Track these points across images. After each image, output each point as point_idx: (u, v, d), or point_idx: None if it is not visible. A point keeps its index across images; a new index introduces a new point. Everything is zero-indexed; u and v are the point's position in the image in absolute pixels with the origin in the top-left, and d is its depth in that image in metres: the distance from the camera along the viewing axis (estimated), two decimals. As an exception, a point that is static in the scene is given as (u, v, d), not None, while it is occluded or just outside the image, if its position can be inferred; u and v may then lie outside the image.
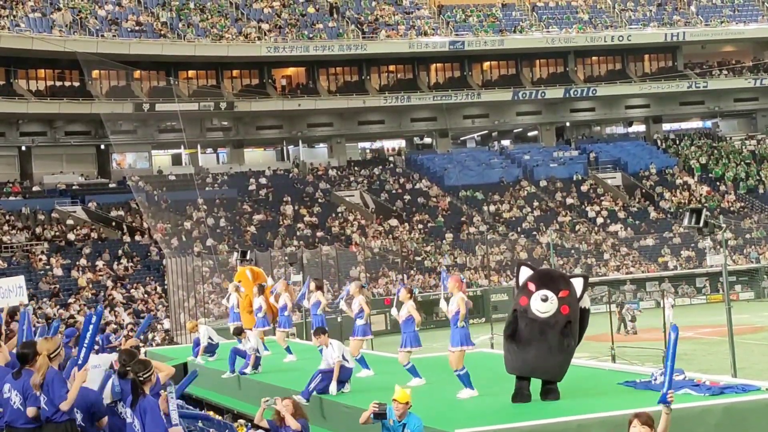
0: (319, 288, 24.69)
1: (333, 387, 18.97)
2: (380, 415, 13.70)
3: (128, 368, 10.94)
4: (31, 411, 11.01)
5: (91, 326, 11.27)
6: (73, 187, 67.69)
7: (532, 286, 16.81)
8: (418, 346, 19.50)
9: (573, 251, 66.33)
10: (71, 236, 60.57)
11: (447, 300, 18.10)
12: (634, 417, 9.78)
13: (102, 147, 71.17)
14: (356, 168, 77.31)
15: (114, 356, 13.06)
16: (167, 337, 47.59)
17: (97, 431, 11.33)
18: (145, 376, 10.75)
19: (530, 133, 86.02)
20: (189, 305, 48.18)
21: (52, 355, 10.95)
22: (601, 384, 17.38)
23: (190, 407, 19.63)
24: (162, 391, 11.83)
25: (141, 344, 18.02)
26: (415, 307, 19.78)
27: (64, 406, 10.76)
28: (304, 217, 68.55)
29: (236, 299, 28.70)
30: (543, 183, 76.64)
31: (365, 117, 78.88)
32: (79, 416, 11.16)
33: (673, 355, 10.41)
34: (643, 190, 76.61)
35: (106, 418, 11.25)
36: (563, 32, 79.01)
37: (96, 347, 17.88)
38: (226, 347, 26.66)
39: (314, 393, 18.87)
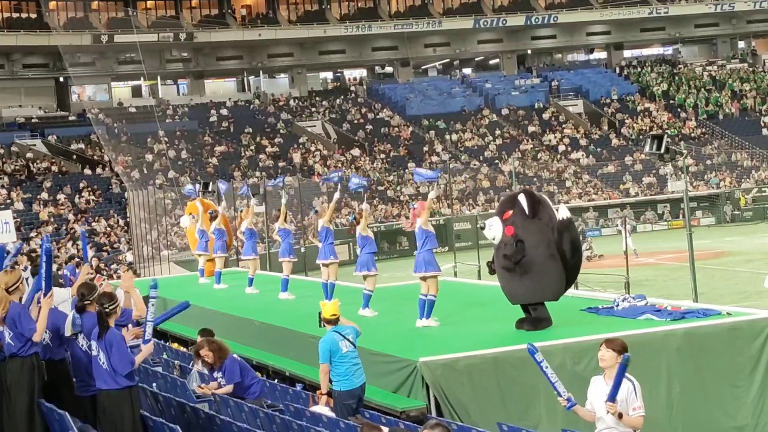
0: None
1: None
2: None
3: (86, 302, 10.80)
4: (-6, 341, 10.76)
5: (44, 262, 11.01)
6: (33, 121, 67.02)
7: None
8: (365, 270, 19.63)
9: (536, 179, 66.43)
10: (31, 170, 60.10)
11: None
12: (605, 342, 9.71)
13: (61, 80, 70.40)
14: (318, 98, 76.90)
15: (68, 291, 12.92)
16: (130, 270, 47.33)
17: (64, 352, 11.15)
18: (111, 307, 10.51)
19: (492, 62, 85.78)
20: (152, 237, 48.06)
21: (10, 289, 10.74)
22: (563, 310, 17.43)
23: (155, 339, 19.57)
24: (129, 325, 11.72)
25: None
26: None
27: (37, 337, 10.56)
28: (266, 148, 68.27)
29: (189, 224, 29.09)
30: (505, 111, 76.48)
31: (326, 47, 78.28)
32: (47, 336, 10.98)
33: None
34: (605, 118, 76.65)
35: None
36: (524, -42, 78.57)
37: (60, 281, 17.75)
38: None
39: None
